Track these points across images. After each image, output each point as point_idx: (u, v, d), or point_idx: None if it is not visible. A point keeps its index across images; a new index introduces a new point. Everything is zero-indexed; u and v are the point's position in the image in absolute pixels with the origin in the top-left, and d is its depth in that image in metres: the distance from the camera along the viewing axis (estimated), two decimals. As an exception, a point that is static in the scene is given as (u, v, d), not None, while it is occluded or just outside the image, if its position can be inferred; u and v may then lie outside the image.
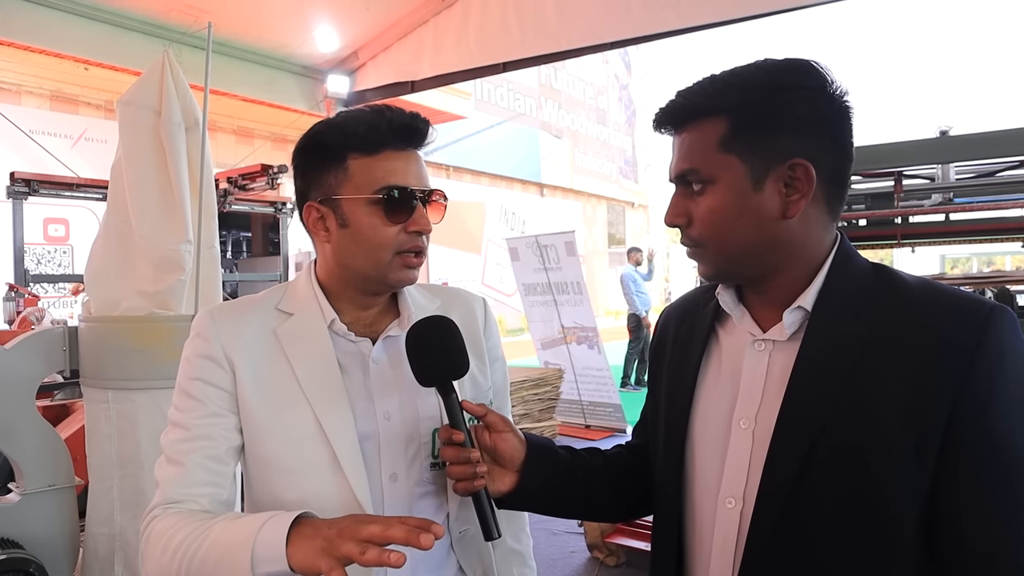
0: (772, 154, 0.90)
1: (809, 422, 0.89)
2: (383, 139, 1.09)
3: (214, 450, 1.09)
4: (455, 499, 1.15)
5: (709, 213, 0.94)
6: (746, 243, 0.94)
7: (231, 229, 8.84)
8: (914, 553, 0.87)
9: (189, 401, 1.10)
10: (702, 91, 0.95)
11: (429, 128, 1.14)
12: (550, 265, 7.46)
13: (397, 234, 1.10)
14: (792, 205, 0.91)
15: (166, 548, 1.01)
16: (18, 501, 2.41)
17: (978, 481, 0.84)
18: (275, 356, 1.12)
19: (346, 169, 1.09)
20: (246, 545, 0.93)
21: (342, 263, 1.14)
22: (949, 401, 0.84)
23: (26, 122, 8.09)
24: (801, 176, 0.90)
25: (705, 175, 0.93)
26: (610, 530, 3.98)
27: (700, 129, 0.94)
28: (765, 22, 4.50)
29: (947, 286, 0.94)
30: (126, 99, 2.57)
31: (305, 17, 5.67)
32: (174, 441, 1.10)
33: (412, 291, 1.24)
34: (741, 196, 0.92)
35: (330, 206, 1.11)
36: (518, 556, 1.32)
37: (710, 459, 1.00)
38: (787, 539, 0.90)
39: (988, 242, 3.60)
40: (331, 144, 1.11)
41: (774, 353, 0.97)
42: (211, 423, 1.09)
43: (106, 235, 2.58)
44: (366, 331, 1.16)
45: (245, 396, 1.10)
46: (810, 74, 0.92)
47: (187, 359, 1.13)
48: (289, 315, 1.15)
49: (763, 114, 0.90)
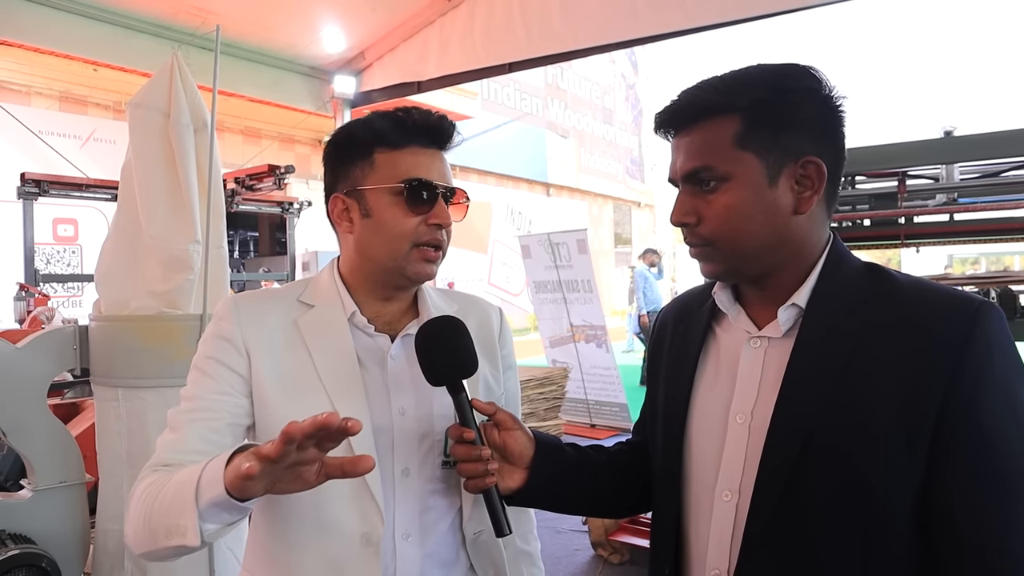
0: (786, 151, 0.94)
1: (804, 416, 0.92)
2: (410, 135, 1.14)
3: (214, 422, 1.10)
4: (468, 500, 1.17)
5: (725, 210, 0.95)
6: (758, 239, 0.96)
7: (238, 229, 8.87)
8: (907, 545, 0.89)
9: (201, 377, 1.13)
10: (713, 89, 0.97)
11: (455, 131, 1.18)
12: (561, 263, 7.47)
13: (417, 225, 1.12)
14: (804, 201, 0.95)
15: (138, 499, 1.02)
16: (30, 497, 2.45)
17: (969, 474, 0.86)
18: (295, 345, 1.14)
19: (372, 162, 1.13)
20: (193, 477, 0.93)
21: (363, 254, 1.16)
22: (939, 396, 0.86)
23: (36, 123, 8.16)
24: (812, 173, 0.94)
25: (720, 172, 0.95)
26: (614, 528, 4.00)
27: (712, 127, 0.95)
28: (770, 23, 4.51)
29: (937, 284, 0.96)
30: (136, 101, 2.60)
31: (312, 18, 5.71)
32: (178, 411, 1.12)
33: (432, 294, 1.27)
34: (757, 192, 0.94)
35: (355, 197, 1.15)
36: (528, 557, 1.35)
37: (707, 454, 1.02)
38: (783, 531, 0.93)
39: (992, 242, 3.60)
40: (360, 138, 1.15)
41: (769, 350, 1.00)
42: (215, 398, 1.11)
43: (116, 235, 2.61)
44: (386, 328, 1.19)
45: (261, 383, 1.12)
46: (810, 77, 0.95)
47: (205, 339, 1.16)
48: (311, 307, 1.18)
49: (776, 112, 0.93)
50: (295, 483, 0.89)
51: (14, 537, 2.37)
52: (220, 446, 1.07)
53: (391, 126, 1.14)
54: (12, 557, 2.28)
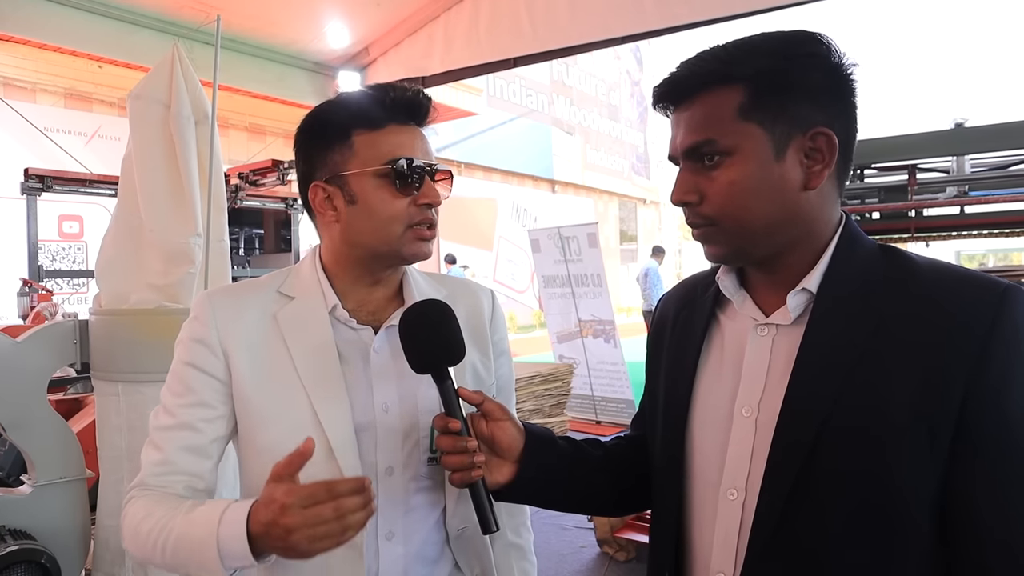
0: (793, 123, 0.88)
1: (815, 410, 0.86)
2: (387, 114, 1.09)
3: (196, 440, 1.08)
4: (452, 495, 1.13)
5: (729, 186, 0.89)
6: (766, 217, 0.90)
7: (244, 226, 8.88)
8: (927, 546, 0.84)
9: (178, 386, 1.10)
10: (714, 58, 0.90)
11: (431, 105, 1.13)
12: (571, 257, 7.46)
13: (407, 207, 1.08)
14: (814, 176, 0.89)
15: (138, 531, 1.02)
16: (30, 493, 2.43)
17: (993, 466, 0.81)
18: (273, 342, 1.10)
19: (351, 145, 1.08)
20: (210, 542, 0.93)
21: (351, 241, 1.11)
22: (962, 385, 0.81)
23: (41, 120, 8.16)
24: (823, 146, 0.88)
25: (723, 146, 0.89)
26: (620, 525, 3.97)
27: (714, 98, 0.89)
28: (777, 15, 4.46)
29: (959, 267, 0.91)
30: (136, 93, 2.58)
31: (316, 13, 5.68)
32: (159, 427, 1.10)
33: (419, 280, 1.22)
34: (763, 166, 0.88)
35: (337, 184, 1.10)
36: (518, 550, 1.29)
37: (711, 450, 0.97)
38: (792, 532, 0.87)
39: (1004, 236, 3.55)
40: (335, 122, 1.10)
41: (777, 338, 0.94)
42: (195, 413, 1.08)
43: (116, 228, 2.59)
44: (369, 319, 1.14)
45: (241, 383, 1.09)
46: (819, 43, 0.89)
47: (181, 341, 1.12)
48: (290, 299, 1.14)
49: (780, 82, 0.87)
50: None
51: (14, 533, 2.35)
52: (204, 466, 1.09)
53: (369, 105, 1.09)
54: (12, 553, 2.26)
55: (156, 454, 1.08)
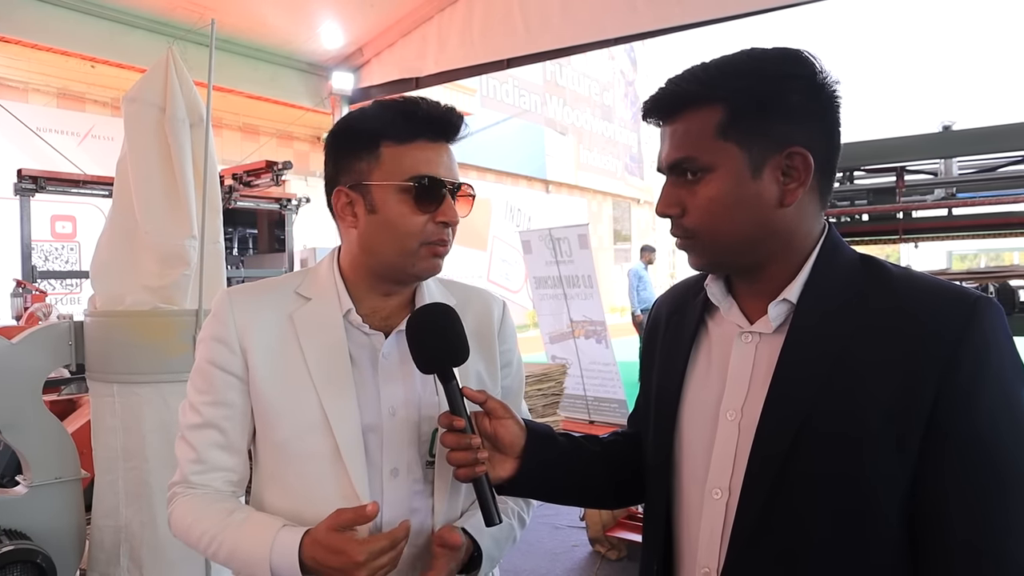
0: (770, 142, 0.91)
1: (793, 414, 0.90)
2: (417, 129, 1.10)
3: (223, 439, 1.14)
4: (441, 497, 1.16)
5: (707, 202, 0.93)
6: (742, 232, 0.93)
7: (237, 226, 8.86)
8: (898, 546, 0.87)
9: (202, 383, 1.15)
10: (694, 78, 0.94)
11: (463, 123, 1.15)
12: (562, 258, 7.46)
13: (425, 224, 1.10)
14: (790, 193, 0.92)
15: (190, 531, 1.11)
16: (25, 493, 2.44)
17: (963, 472, 0.84)
18: (289, 342, 1.13)
19: (378, 156, 1.10)
20: (263, 565, 1.03)
21: (368, 249, 1.14)
22: (933, 392, 0.84)
23: (33, 120, 8.14)
24: (799, 165, 0.91)
25: (702, 163, 0.92)
26: (612, 524, 4.00)
27: (695, 117, 0.93)
28: (769, 17, 4.49)
29: (933, 278, 0.94)
30: (131, 96, 2.59)
31: (309, 14, 5.68)
32: (188, 424, 1.15)
33: (432, 287, 1.24)
34: (740, 184, 0.91)
35: (360, 192, 1.11)
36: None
37: (698, 450, 1.01)
38: (771, 531, 0.91)
39: (991, 237, 3.59)
40: (365, 130, 1.12)
41: (760, 345, 0.97)
42: (218, 411, 1.13)
43: (111, 230, 2.60)
44: (381, 324, 1.17)
45: (257, 380, 1.12)
46: (800, 62, 0.92)
47: (203, 340, 1.16)
48: (307, 300, 1.16)
49: (759, 102, 0.90)
50: None
51: (9, 533, 2.36)
52: (237, 460, 1.17)
53: (398, 119, 1.10)
54: (7, 553, 2.27)
55: (191, 452, 1.14)
